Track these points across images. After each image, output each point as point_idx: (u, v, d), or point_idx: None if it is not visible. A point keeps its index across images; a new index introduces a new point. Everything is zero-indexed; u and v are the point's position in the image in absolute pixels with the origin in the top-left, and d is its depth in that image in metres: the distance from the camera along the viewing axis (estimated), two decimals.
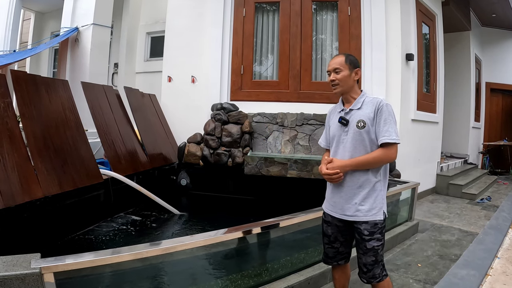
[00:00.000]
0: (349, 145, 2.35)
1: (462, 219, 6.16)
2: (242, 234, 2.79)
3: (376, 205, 2.32)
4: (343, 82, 2.38)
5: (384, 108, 2.28)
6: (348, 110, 2.39)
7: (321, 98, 6.52)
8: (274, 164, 5.84)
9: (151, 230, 4.82)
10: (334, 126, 2.48)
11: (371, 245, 2.29)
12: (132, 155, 5.69)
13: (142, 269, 2.36)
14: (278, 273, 3.02)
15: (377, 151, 2.29)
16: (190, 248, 2.45)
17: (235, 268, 2.94)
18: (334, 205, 2.46)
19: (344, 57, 2.42)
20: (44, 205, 3.91)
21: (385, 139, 2.25)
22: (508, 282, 3.56)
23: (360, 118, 2.32)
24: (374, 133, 2.30)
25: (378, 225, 2.31)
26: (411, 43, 6.82)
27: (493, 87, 12.21)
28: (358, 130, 2.31)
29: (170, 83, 7.48)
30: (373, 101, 2.34)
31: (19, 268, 1.92)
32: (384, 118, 2.27)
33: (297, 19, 6.68)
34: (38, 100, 4.40)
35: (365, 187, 2.32)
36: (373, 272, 2.33)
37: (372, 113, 2.29)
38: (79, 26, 7.84)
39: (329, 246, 2.56)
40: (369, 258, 2.31)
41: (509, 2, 9.64)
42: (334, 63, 2.42)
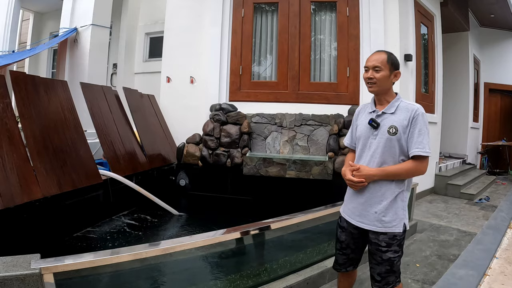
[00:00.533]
0: (377, 151, 2.23)
1: (461, 219, 6.17)
2: (241, 234, 2.80)
3: (397, 217, 2.21)
4: (381, 82, 2.24)
5: (420, 118, 2.16)
6: (380, 112, 2.27)
7: (320, 99, 6.53)
8: (272, 164, 5.85)
9: (150, 230, 4.82)
10: (362, 126, 2.34)
11: (387, 256, 2.20)
12: (131, 155, 5.70)
13: (141, 270, 2.37)
14: (277, 273, 3.03)
15: (408, 163, 2.17)
16: (190, 248, 2.46)
17: (234, 269, 2.94)
18: (352, 211, 2.35)
19: (386, 56, 2.27)
20: (43, 206, 3.91)
21: (418, 151, 2.13)
22: (506, 282, 3.56)
23: (392, 124, 2.20)
24: (405, 142, 2.18)
25: (397, 237, 2.21)
26: (410, 44, 6.84)
27: (491, 87, 12.23)
28: (389, 137, 2.19)
29: (169, 84, 7.49)
30: (408, 107, 2.21)
31: (19, 268, 1.93)
32: (419, 129, 2.15)
33: (295, 19, 6.69)
34: (37, 100, 4.41)
35: (387, 197, 2.20)
36: (386, 280, 2.25)
37: (406, 121, 2.18)
38: (78, 27, 7.86)
39: (340, 252, 2.47)
40: (384, 268, 2.22)
41: (507, 3, 9.66)
42: (374, 60, 2.27)
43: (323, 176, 5.71)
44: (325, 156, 5.84)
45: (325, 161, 5.69)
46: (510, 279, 3.61)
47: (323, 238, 3.83)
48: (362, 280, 3.51)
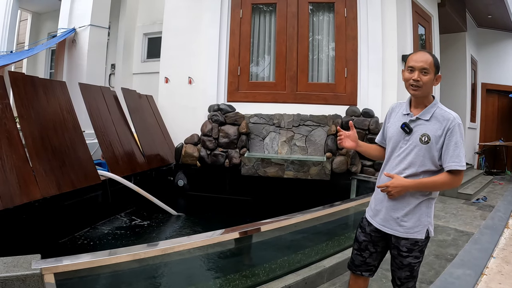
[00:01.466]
0: (406, 157, 2.15)
1: (458, 219, 6.19)
2: (239, 234, 2.82)
3: (420, 223, 2.13)
4: (426, 87, 2.10)
5: (456, 129, 2.05)
6: (415, 118, 2.15)
7: (318, 99, 6.56)
8: (271, 165, 5.87)
9: (149, 230, 4.85)
10: (394, 128, 2.23)
11: (408, 261, 2.16)
12: (129, 156, 5.72)
13: (140, 270, 2.39)
14: (275, 273, 3.05)
15: (444, 176, 2.07)
16: (188, 248, 2.47)
17: (233, 268, 2.97)
18: (375, 214, 2.30)
19: (432, 58, 2.11)
20: (42, 206, 3.92)
21: (455, 165, 2.03)
22: (503, 281, 3.60)
23: (425, 132, 2.09)
24: (437, 151, 2.09)
25: (419, 243, 2.15)
26: (407, 44, 6.87)
27: (489, 87, 12.28)
28: (420, 145, 2.09)
29: (167, 84, 7.50)
30: (444, 116, 2.10)
31: (20, 269, 1.94)
32: (455, 141, 2.04)
33: (293, 20, 6.71)
34: (36, 101, 4.43)
35: (411, 203, 2.14)
36: (406, 285, 2.23)
37: (440, 130, 2.07)
38: (76, 27, 7.86)
39: (358, 253, 2.39)
40: (404, 273, 2.19)
41: (504, 3, 9.71)
42: (423, 61, 2.09)
43: (321, 176, 5.74)
44: (323, 157, 5.87)
45: (323, 162, 5.72)
46: (507, 278, 3.66)
47: (321, 238, 3.86)
48: None
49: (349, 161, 5.86)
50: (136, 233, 4.71)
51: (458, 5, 9.49)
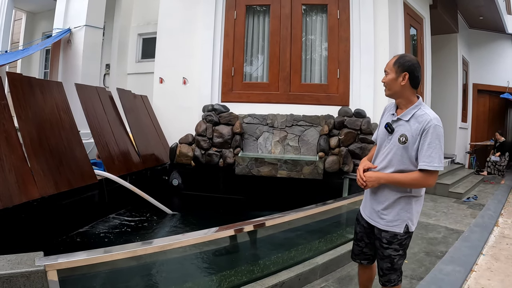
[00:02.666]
0: (387, 155, 2.28)
1: (449, 217, 6.30)
2: (234, 232, 2.90)
3: (399, 218, 2.25)
4: (389, 86, 2.25)
5: (431, 130, 2.12)
6: (396, 118, 2.28)
7: (311, 100, 6.66)
8: (264, 164, 5.96)
9: (145, 229, 4.93)
10: (381, 127, 2.38)
11: (388, 253, 2.29)
12: (125, 155, 5.78)
13: (139, 266, 2.45)
14: (270, 269, 3.12)
15: (415, 174, 2.16)
16: (185, 245, 2.54)
17: (229, 265, 3.04)
18: (365, 207, 2.48)
19: (395, 59, 2.25)
20: (41, 206, 3.98)
21: (424, 165, 2.11)
22: (492, 278, 3.70)
23: (403, 133, 2.20)
24: (415, 152, 2.17)
25: (397, 237, 2.27)
26: (399, 46, 6.98)
27: (480, 88, 12.45)
28: (398, 145, 2.21)
29: (161, 84, 7.56)
30: (423, 117, 2.17)
31: (24, 266, 2.01)
32: (429, 142, 2.11)
33: (287, 21, 6.80)
34: (34, 101, 4.48)
35: (390, 198, 2.27)
36: (388, 277, 2.34)
37: (417, 131, 2.16)
38: (71, 27, 7.89)
39: (356, 243, 2.58)
40: (385, 264, 2.33)
41: (496, 5, 9.85)
42: (387, 64, 2.28)
43: (313, 175, 5.84)
44: (315, 156, 5.96)
45: (315, 161, 5.81)
46: (496, 275, 3.77)
47: (314, 236, 3.94)
48: (352, 276, 3.62)
49: (341, 161, 5.96)
50: (132, 231, 4.78)
51: (450, 7, 9.62)
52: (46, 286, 2.01)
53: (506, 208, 7.07)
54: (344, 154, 5.95)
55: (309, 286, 3.33)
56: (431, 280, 3.58)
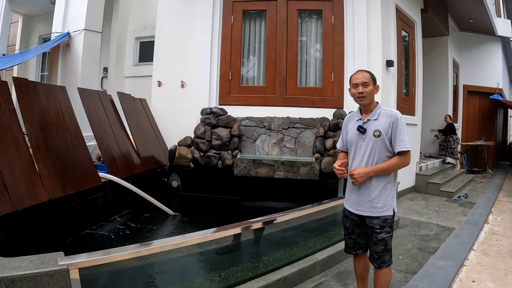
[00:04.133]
0: (366, 151, 2.67)
1: (440, 215, 6.51)
2: (241, 230, 3.08)
3: (387, 203, 2.66)
4: (369, 95, 2.68)
5: (398, 121, 2.61)
6: (366, 120, 2.70)
7: (306, 103, 6.83)
8: (262, 165, 6.13)
9: (149, 229, 5.06)
10: (352, 132, 2.77)
11: (382, 236, 2.65)
12: (127, 158, 5.91)
13: (157, 264, 2.60)
14: (273, 265, 3.30)
15: (394, 159, 2.63)
16: (198, 242, 2.70)
17: (234, 262, 3.21)
18: (352, 202, 2.80)
19: (369, 74, 2.73)
20: (49, 208, 4.09)
21: (400, 147, 2.58)
22: (483, 272, 3.93)
23: (376, 128, 2.64)
24: (389, 142, 2.63)
25: (388, 220, 2.66)
26: (391, 50, 7.19)
27: (470, 89, 12.74)
28: (375, 138, 2.64)
29: (160, 88, 7.67)
30: (388, 113, 2.66)
31: (47, 265, 2.14)
32: (399, 130, 2.60)
33: (283, 26, 6.97)
34: (40, 106, 4.59)
35: (378, 187, 2.66)
36: (383, 258, 2.70)
37: (387, 124, 2.62)
38: (70, 31, 7.98)
39: (348, 237, 2.91)
40: (379, 247, 2.67)
41: (486, 8, 10.10)
42: (363, 77, 2.70)
43: (310, 176, 6.02)
44: (312, 157, 6.14)
45: (312, 162, 5.99)
46: (486, 269, 4.00)
47: (313, 233, 4.12)
48: (350, 271, 3.81)
49: None
50: (137, 232, 4.90)
51: (441, 10, 9.85)
52: (69, 285, 2.15)
53: (496, 206, 7.31)
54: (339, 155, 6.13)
55: (310, 281, 3.54)
56: (424, 274, 3.79)
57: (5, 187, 3.63)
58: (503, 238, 5.18)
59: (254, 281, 3.02)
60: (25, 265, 2.14)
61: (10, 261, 2.20)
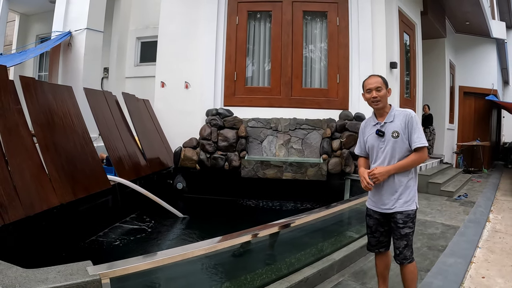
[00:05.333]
0: (387, 152, 2.74)
1: (443, 214, 6.58)
2: (268, 232, 3.11)
3: (410, 198, 2.73)
4: (383, 99, 2.73)
5: (413, 119, 2.68)
6: (383, 123, 2.75)
7: (312, 104, 6.87)
8: (270, 167, 6.15)
9: (160, 232, 5.04)
10: (371, 137, 2.84)
11: (404, 231, 2.70)
12: (134, 160, 5.86)
13: (188, 271, 2.58)
14: (294, 266, 3.32)
15: (412, 155, 2.69)
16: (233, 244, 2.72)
17: (261, 264, 3.23)
18: (376, 201, 2.86)
19: (381, 78, 2.79)
20: (60, 213, 4.02)
21: (417, 144, 2.65)
22: (490, 268, 4.03)
23: (394, 130, 2.70)
24: (407, 140, 2.69)
25: (411, 215, 2.72)
26: (395, 52, 7.26)
27: (466, 90, 12.87)
28: (393, 139, 2.70)
29: (163, 89, 7.63)
30: (402, 113, 2.73)
31: (77, 276, 2.02)
32: (414, 127, 2.67)
33: (288, 28, 7.00)
34: (47, 107, 4.51)
35: (401, 184, 2.73)
36: (404, 254, 2.74)
37: (403, 124, 2.69)
38: (72, 31, 7.90)
39: (371, 235, 2.96)
40: (402, 242, 2.72)
41: (482, 11, 10.24)
42: (375, 82, 2.76)
43: (317, 177, 6.06)
44: (319, 158, 6.17)
45: (319, 163, 6.03)
46: (493, 265, 4.10)
47: (330, 234, 4.15)
48: (365, 270, 3.85)
49: (343, 162, 6.19)
50: (149, 234, 4.87)
51: (439, 13, 9.96)
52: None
53: (495, 204, 7.42)
54: (345, 156, 6.18)
55: (328, 281, 3.56)
56: (437, 271, 3.88)
57: (16, 191, 3.55)
58: (506, 236, 5.28)
59: (278, 283, 3.03)
60: (52, 277, 2.00)
61: (35, 273, 2.05)
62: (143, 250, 4.34)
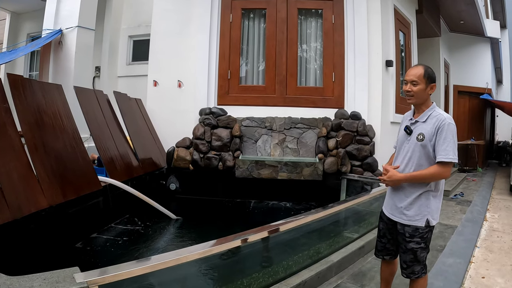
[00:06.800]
0: (407, 154, 2.51)
1: (441, 213, 6.48)
2: (268, 233, 2.99)
3: (420, 212, 2.45)
4: (418, 95, 2.46)
5: (445, 127, 2.35)
6: (414, 121, 2.52)
7: (307, 103, 6.78)
8: (265, 167, 6.05)
9: (152, 234, 4.91)
10: (401, 132, 2.63)
11: (411, 246, 2.47)
12: (126, 160, 5.72)
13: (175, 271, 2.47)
14: (292, 269, 3.22)
15: (431, 168, 2.39)
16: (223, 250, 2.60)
17: (258, 267, 3.13)
18: (386, 205, 2.69)
19: (423, 71, 2.47)
20: (49, 215, 3.88)
21: (441, 157, 2.33)
22: (490, 268, 4.00)
23: (421, 131, 2.44)
24: (431, 148, 2.40)
25: (419, 230, 2.45)
26: (390, 50, 7.18)
27: (460, 89, 12.88)
28: (417, 142, 2.44)
29: (156, 88, 7.48)
30: (437, 117, 2.42)
31: (64, 284, 1.94)
32: (444, 137, 2.35)
33: (283, 26, 6.90)
34: (36, 105, 4.36)
35: (412, 195, 2.47)
36: (412, 268, 2.51)
37: (433, 129, 2.39)
38: (63, 28, 7.74)
39: (379, 240, 2.78)
40: (408, 256, 2.51)
41: (477, 10, 10.22)
42: (412, 74, 2.47)
43: (313, 177, 5.97)
44: (315, 158, 6.08)
45: (315, 163, 5.94)
46: (493, 265, 4.07)
47: (326, 235, 4.06)
48: (364, 272, 3.77)
49: (340, 162, 6.10)
50: (141, 237, 4.75)
51: (434, 12, 9.93)
52: None
53: (491, 203, 7.42)
54: (342, 155, 6.10)
55: (327, 283, 3.49)
56: (437, 271, 3.84)
57: (2, 194, 3.43)
58: (504, 235, 5.26)
59: (275, 287, 2.94)
60: (37, 285, 1.93)
61: (19, 280, 1.98)
62: (135, 253, 4.21)
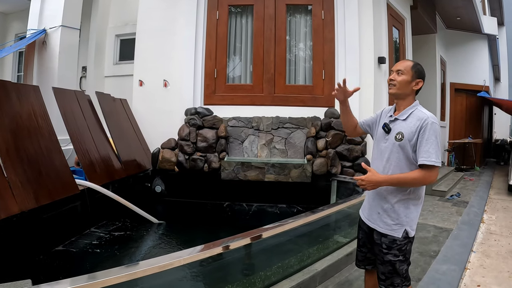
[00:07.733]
0: (385, 155, 2.29)
1: (435, 215, 6.34)
2: (251, 240, 2.79)
3: (398, 222, 2.22)
4: (400, 85, 2.27)
5: (428, 127, 2.14)
6: (394, 118, 2.31)
7: (296, 101, 6.58)
8: (251, 168, 5.84)
9: (132, 240, 4.72)
10: (379, 129, 2.40)
11: (388, 258, 2.24)
12: (107, 163, 5.54)
13: None
14: (270, 280, 3.01)
15: (415, 172, 2.16)
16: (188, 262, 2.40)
17: (232, 278, 2.92)
18: (363, 209, 2.48)
19: (412, 64, 2.33)
20: (20, 221, 3.71)
21: (423, 160, 2.12)
22: (486, 275, 3.76)
23: (400, 130, 2.23)
24: (411, 149, 2.19)
25: (397, 242, 2.22)
26: (383, 47, 6.99)
27: (457, 87, 12.69)
28: (395, 142, 2.23)
29: (141, 87, 7.30)
30: (419, 116, 2.21)
31: None
32: (427, 137, 2.13)
33: (271, 22, 6.70)
34: (10, 107, 4.21)
35: (390, 201, 2.25)
36: (391, 280, 2.27)
37: (414, 128, 2.18)
38: (47, 28, 7.54)
39: (359, 249, 2.55)
40: (386, 268, 2.27)
41: (473, 6, 10.05)
42: (399, 65, 2.33)
43: (302, 178, 5.76)
44: (303, 159, 5.88)
45: (304, 164, 5.73)
46: (489, 271, 3.82)
47: (311, 242, 3.86)
48: (351, 281, 3.56)
49: (329, 163, 5.90)
50: (119, 243, 4.55)
51: (429, 8, 9.74)
52: None
53: (489, 204, 7.21)
54: (331, 156, 5.89)
55: None
56: (429, 280, 3.61)
57: None
58: (501, 238, 5.05)
59: None
60: None
61: None
62: (113, 261, 4.02)
